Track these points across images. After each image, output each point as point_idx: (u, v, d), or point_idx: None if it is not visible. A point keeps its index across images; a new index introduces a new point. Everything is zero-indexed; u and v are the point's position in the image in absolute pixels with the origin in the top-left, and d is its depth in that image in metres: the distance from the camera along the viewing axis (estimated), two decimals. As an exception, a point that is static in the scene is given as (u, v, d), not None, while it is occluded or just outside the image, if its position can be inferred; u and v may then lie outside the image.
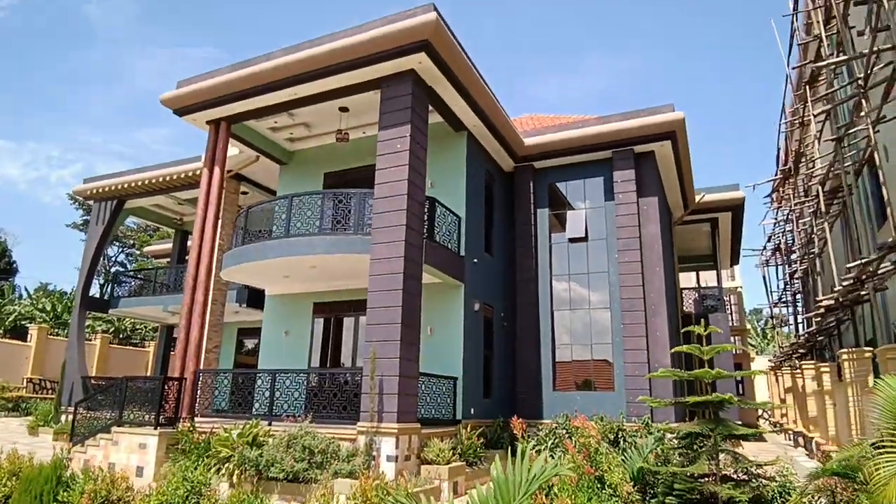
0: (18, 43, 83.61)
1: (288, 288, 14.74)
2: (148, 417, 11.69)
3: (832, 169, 11.70)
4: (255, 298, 17.37)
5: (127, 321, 36.32)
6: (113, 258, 46.87)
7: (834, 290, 14.57)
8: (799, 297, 23.99)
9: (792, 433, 17.63)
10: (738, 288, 33.20)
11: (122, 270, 25.28)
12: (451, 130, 14.03)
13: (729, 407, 7.45)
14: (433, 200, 12.52)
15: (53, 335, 29.31)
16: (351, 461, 9.40)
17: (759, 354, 38.66)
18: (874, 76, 8.72)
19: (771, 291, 28.05)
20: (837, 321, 14.81)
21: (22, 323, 33.53)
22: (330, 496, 7.96)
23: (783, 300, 25.27)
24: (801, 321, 24.17)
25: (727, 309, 23.69)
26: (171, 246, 24.71)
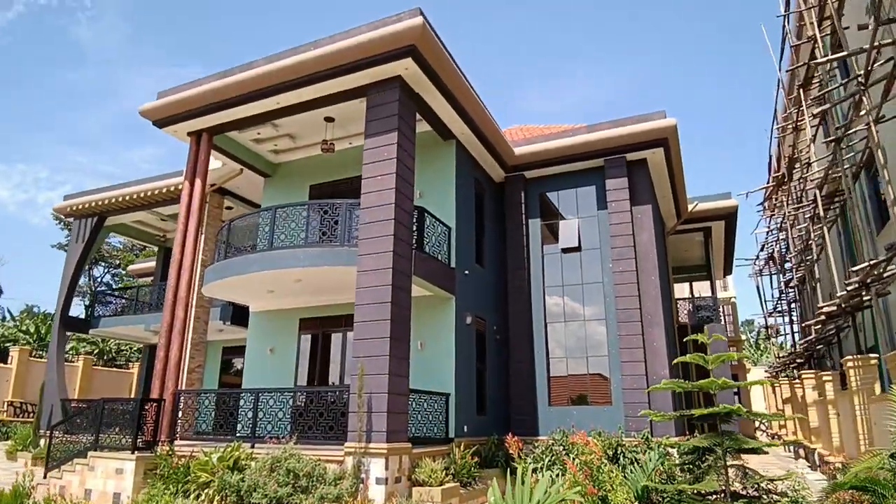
0: (6, 63, 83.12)
1: (273, 303, 14.26)
2: (125, 441, 11.24)
3: (830, 172, 11.45)
4: (240, 315, 16.86)
5: (112, 342, 35.62)
6: (99, 279, 46.16)
7: (833, 296, 14.31)
8: (794, 306, 23.75)
9: (794, 445, 17.22)
10: (731, 298, 32.97)
11: (102, 290, 24.65)
12: (439, 139, 13.70)
13: (738, 418, 7.07)
14: (422, 210, 12.15)
15: (36, 357, 28.59)
16: (338, 484, 8.89)
17: (754, 365, 38.34)
18: (873, 73, 8.49)
19: (765, 301, 27.85)
20: (837, 329, 14.50)
21: (5, 345, 32.73)
22: (315, 523, 7.48)
23: (778, 310, 25.01)
24: (796, 331, 23.93)
25: (722, 320, 23.35)
26: (154, 264, 24.17)
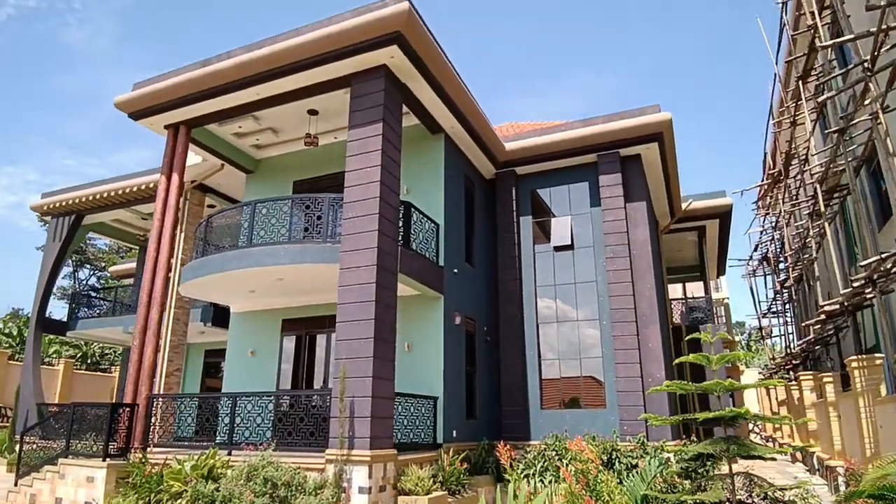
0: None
1: (254, 304, 13.69)
2: (97, 448, 10.76)
3: (832, 165, 11.06)
4: (221, 317, 16.28)
5: (95, 346, 34.82)
6: (84, 281, 45.28)
7: (832, 295, 13.92)
8: (789, 306, 23.41)
9: (802, 450, 16.80)
10: (724, 299, 32.66)
11: (80, 291, 23.95)
12: (427, 133, 13.22)
13: (738, 423, 6.62)
14: (409, 205, 11.64)
15: (18, 361, 27.73)
16: (318, 494, 8.36)
17: (746, 367, 38.05)
18: (880, 59, 8.10)
19: (759, 302, 27.53)
20: (836, 329, 14.11)
21: (-13, 348, 31.84)
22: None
23: (773, 310, 24.68)
24: (791, 332, 23.58)
25: (715, 321, 23.00)
26: (135, 265, 23.49)
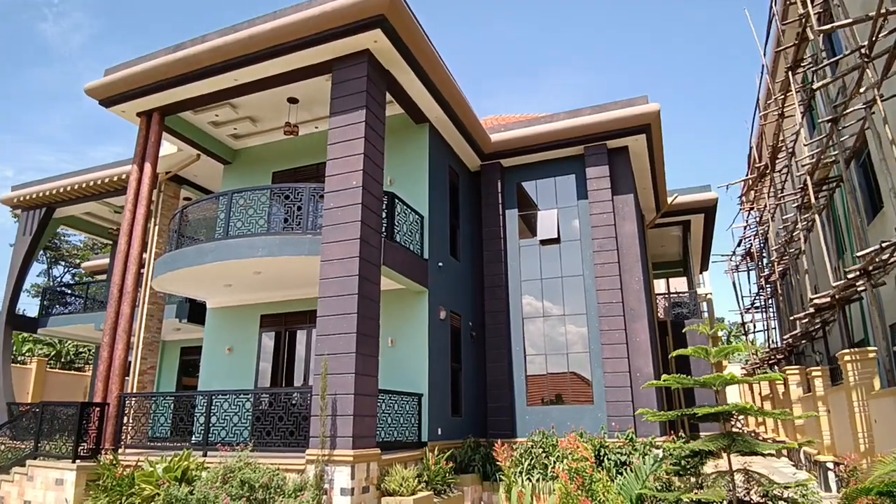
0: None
1: (231, 299, 13.22)
2: (67, 449, 10.31)
3: (822, 156, 10.90)
4: (198, 313, 15.78)
5: (69, 344, 33.95)
6: (58, 277, 44.16)
7: (818, 289, 13.83)
8: (772, 301, 23.43)
9: (805, 447, 16.69)
10: (707, 294, 32.70)
11: (50, 287, 23.21)
12: (411, 123, 12.84)
13: (726, 417, 6.38)
14: (393, 196, 11.26)
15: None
16: (298, 496, 7.98)
17: (730, 362, 38.21)
18: (877, 45, 7.91)
19: (742, 297, 27.55)
20: (823, 322, 14.02)
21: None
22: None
23: (756, 305, 24.70)
24: (773, 326, 23.62)
25: (700, 316, 22.88)
26: (108, 261, 22.78)
